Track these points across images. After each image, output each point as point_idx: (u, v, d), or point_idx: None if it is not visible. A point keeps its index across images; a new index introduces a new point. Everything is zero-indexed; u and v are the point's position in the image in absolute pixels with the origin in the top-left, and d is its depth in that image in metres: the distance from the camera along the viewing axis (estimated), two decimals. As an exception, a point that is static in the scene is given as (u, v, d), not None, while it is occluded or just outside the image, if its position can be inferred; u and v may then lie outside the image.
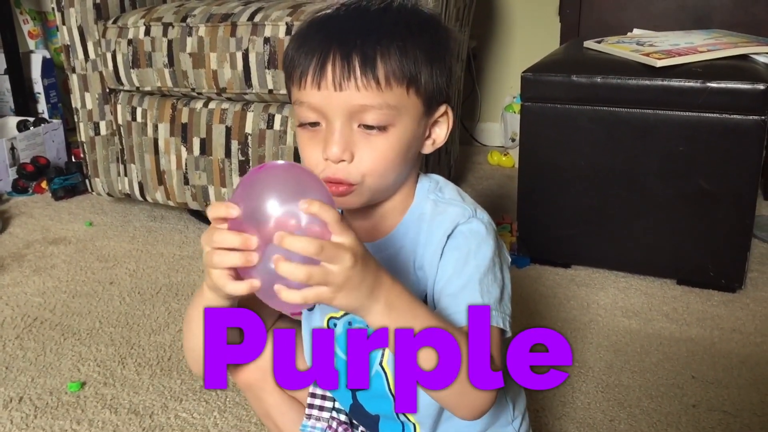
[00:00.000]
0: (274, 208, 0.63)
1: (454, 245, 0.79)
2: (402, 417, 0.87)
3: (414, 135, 0.78)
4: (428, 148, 0.82)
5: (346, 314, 0.85)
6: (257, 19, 1.68)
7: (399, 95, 0.74)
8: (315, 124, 0.76)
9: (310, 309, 0.89)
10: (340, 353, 0.86)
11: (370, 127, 0.74)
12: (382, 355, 0.84)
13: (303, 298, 0.63)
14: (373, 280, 0.66)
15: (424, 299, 0.80)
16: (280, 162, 0.67)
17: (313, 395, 0.95)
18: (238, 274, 0.66)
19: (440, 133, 0.82)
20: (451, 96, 0.83)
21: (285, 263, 0.61)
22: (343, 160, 0.74)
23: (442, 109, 0.81)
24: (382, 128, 0.75)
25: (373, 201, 0.80)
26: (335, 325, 0.86)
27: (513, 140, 2.48)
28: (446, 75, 0.79)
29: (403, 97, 0.75)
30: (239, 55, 1.69)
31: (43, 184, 2.31)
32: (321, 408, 0.95)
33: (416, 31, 0.76)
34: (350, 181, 0.75)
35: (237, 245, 0.63)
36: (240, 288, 0.65)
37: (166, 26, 1.76)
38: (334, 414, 0.94)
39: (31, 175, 2.32)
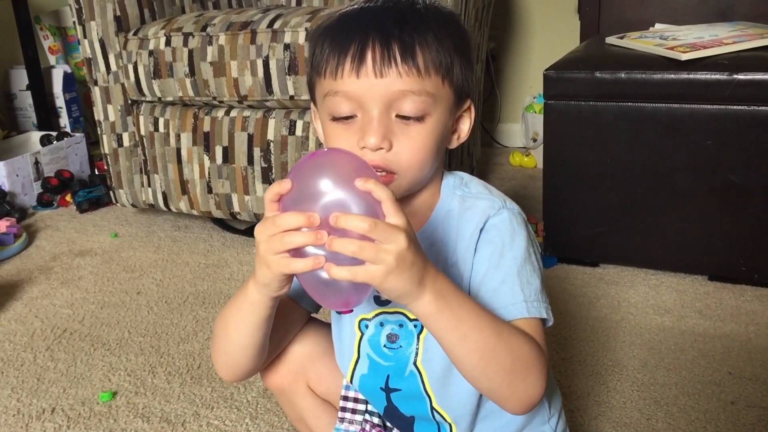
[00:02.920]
0: (327, 190, 0.64)
1: (487, 239, 0.78)
2: (438, 417, 0.86)
3: (446, 127, 0.78)
4: (454, 143, 0.82)
5: (377, 315, 0.85)
6: (277, 26, 1.68)
7: (436, 84, 0.75)
8: (348, 118, 0.75)
9: (350, 311, 0.87)
10: (373, 355, 0.86)
11: (407, 118, 0.74)
12: (416, 354, 0.83)
13: (352, 273, 0.62)
14: (422, 266, 0.66)
15: None
16: (333, 148, 0.67)
17: (346, 398, 0.94)
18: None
19: (464, 128, 0.83)
20: (473, 90, 0.83)
21: (338, 239, 0.61)
22: (381, 148, 0.74)
23: (467, 103, 0.81)
24: (420, 118, 0.75)
25: (406, 194, 0.79)
26: (366, 326, 0.86)
27: (534, 140, 2.46)
28: (471, 70, 0.80)
29: (439, 87, 0.75)
30: (260, 63, 1.69)
31: (68, 198, 2.32)
32: (354, 411, 0.94)
33: (446, 23, 0.77)
34: (391, 168, 0.75)
35: (302, 223, 0.63)
36: (305, 264, 0.64)
37: (187, 36, 1.77)
38: (368, 417, 0.93)
39: (56, 188, 2.34)
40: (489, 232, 0.78)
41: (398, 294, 0.66)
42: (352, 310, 0.86)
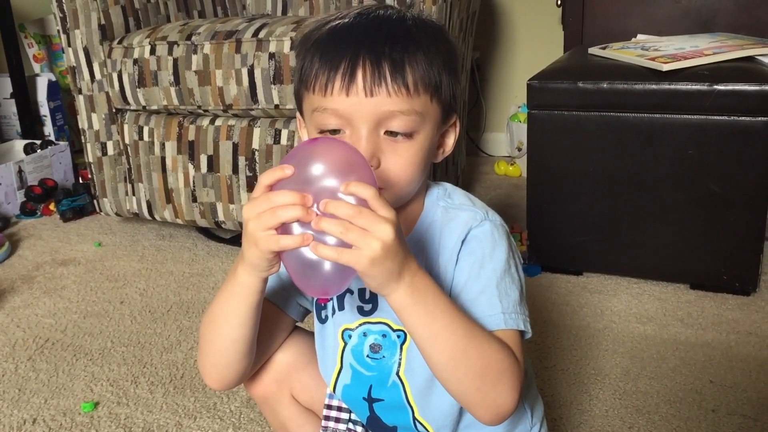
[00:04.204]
0: (320, 177, 0.65)
1: (468, 250, 0.79)
2: (420, 427, 0.86)
3: (433, 142, 0.79)
4: (439, 157, 0.83)
5: (360, 325, 0.85)
6: (262, 35, 1.68)
7: (424, 102, 0.75)
8: (336, 131, 0.76)
9: (329, 299, 0.87)
10: (356, 365, 0.86)
11: (395, 134, 0.75)
12: (399, 365, 0.83)
13: (338, 253, 0.64)
14: (404, 259, 0.67)
15: None
16: (329, 137, 0.69)
17: (329, 407, 0.94)
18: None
19: (449, 142, 0.83)
20: (459, 105, 0.83)
21: (327, 218, 0.63)
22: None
23: (453, 118, 0.82)
24: (408, 135, 0.75)
25: (394, 205, 0.79)
26: (350, 336, 0.86)
27: (519, 149, 2.47)
28: (457, 84, 0.81)
29: (427, 104, 0.75)
30: (245, 72, 1.69)
31: (51, 206, 2.31)
32: (337, 420, 0.94)
33: (435, 39, 0.77)
34: (378, 184, 0.75)
35: (296, 201, 0.65)
36: (293, 240, 0.65)
37: (171, 45, 1.77)
38: (351, 426, 0.93)
39: (39, 197, 2.32)
40: (470, 243, 0.79)
41: (378, 282, 0.67)
42: (330, 299, 0.86)
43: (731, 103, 1.45)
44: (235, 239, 2.01)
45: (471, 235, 0.79)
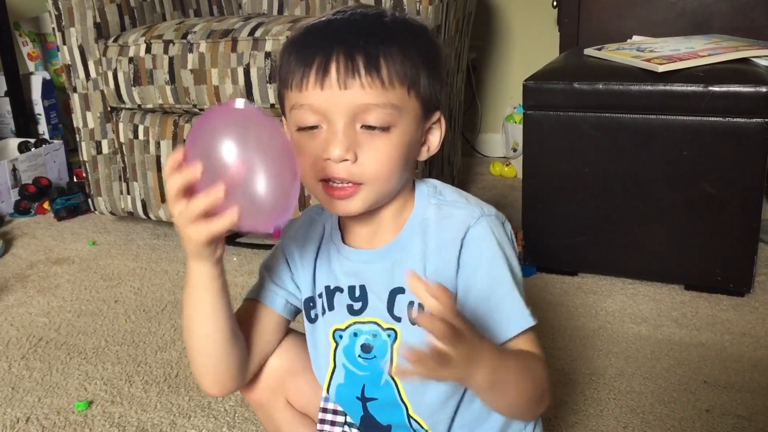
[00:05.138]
0: (225, 151, 0.67)
1: (470, 253, 0.78)
2: (415, 425, 0.86)
3: (413, 138, 0.78)
4: (423, 155, 0.83)
5: (351, 325, 0.85)
6: (258, 34, 1.68)
7: (401, 95, 0.75)
8: (314, 128, 0.76)
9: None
10: (348, 364, 0.86)
11: (372, 128, 0.75)
12: (391, 364, 0.83)
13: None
14: (478, 348, 0.67)
15: None
16: (225, 104, 0.70)
17: (325, 410, 0.94)
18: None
19: (434, 140, 0.83)
20: (442, 103, 0.83)
21: (426, 317, 0.62)
22: (346, 160, 0.74)
23: (436, 115, 0.82)
24: (385, 128, 0.75)
25: (374, 206, 0.80)
26: (341, 337, 0.86)
27: (515, 150, 2.48)
28: (440, 82, 0.80)
29: (404, 98, 0.76)
30: (240, 71, 1.69)
31: (46, 205, 2.30)
32: (333, 423, 0.93)
33: (414, 37, 0.78)
34: (355, 179, 0.75)
35: (211, 202, 0.66)
36: (221, 223, 0.67)
37: (167, 43, 1.77)
38: (346, 428, 0.93)
39: (33, 196, 2.32)
40: (470, 246, 0.79)
41: (457, 379, 0.68)
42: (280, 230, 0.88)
43: (726, 105, 1.45)
44: (229, 239, 2.00)
45: (470, 237, 0.79)
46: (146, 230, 2.12)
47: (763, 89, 1.42)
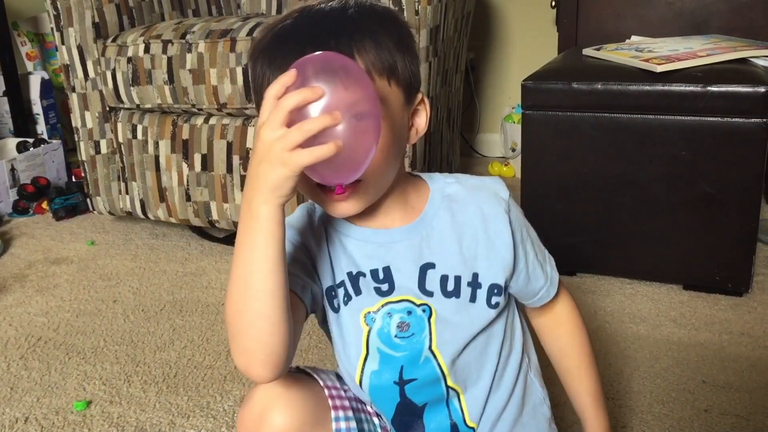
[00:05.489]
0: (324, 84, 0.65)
1: (517, 222, 0.86)
2: (452, 393, 0.85)
3: (400, 124, 0.79)
4: (413, 138, 0.83)
5: (383, 306, 0.82)
6: (256, 33, 1.68)
7: (382, 86, 0.75)
8: None
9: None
10: (384, 348, 0.83)
11: None
12: (430, 340, 0.82)
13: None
14: None
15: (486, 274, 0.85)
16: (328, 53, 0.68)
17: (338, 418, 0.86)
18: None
19: (420, 121, 0.83)
20: (420, 83, 0.83)
21: None
22: None
23: (419, 97, 0.81)
24: None
25: (375, 198, 0.80)
26: (373, 320, 0.83)
27: (513, 150, 2.48)
28: (416, 62, 0.80)
29: (385, 88, 0.76)
30: (239, 71, 1.69)
31: (44, 205, 2.30)
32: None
33: (381, 23, 0.77)
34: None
35: (327, 124, 0.64)
36: (325, 150, 0.63)
37: (166, 43, 1.77)
38: None
39: (32, 195, 2.32)
40: (512, 212, 0.86)
41: None
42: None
43: (724, 105, 1.45)
44: (229, 238, 2.00)
45: (511, 206, 0.86)
46: (145, 230, 2.12)
47: (762, 89, 1.42)
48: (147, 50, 1.79)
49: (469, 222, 0.84)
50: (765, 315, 1.49)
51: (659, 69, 1.50)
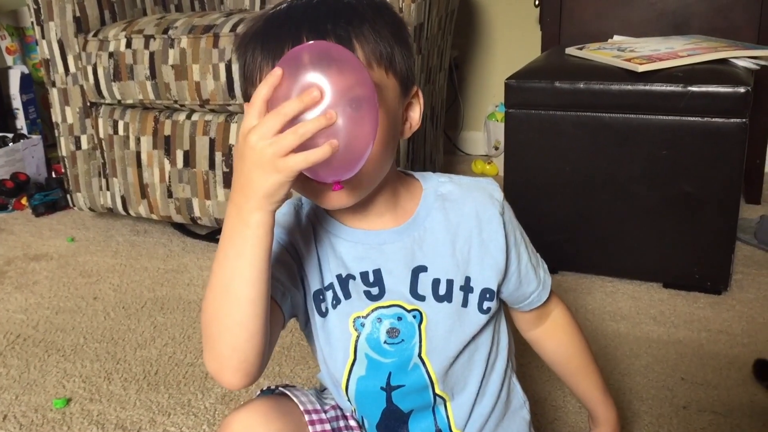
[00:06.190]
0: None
1: (510, 225, 0.85)
2: (439, 400, 0.84)
3: (396, 117, 0.76)
4: (407, 132, 0.80)
5: (372, 311, 0.80)
6: (240, 29, 1.67)
7: (380, 76, 0.72)
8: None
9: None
10: (372, 354, 0.81)
11: None
12: (420, 347, 0.80)
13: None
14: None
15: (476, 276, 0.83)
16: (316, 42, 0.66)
17: None
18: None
19: (414, 115, 0.80)
20: (415, 77, 0.81)
21: None
22: None
23: (414, 90, 0.79)
24: None
25: (368, 192, 0.76)
26: (362, 325, 0.80)
27: (496, 148, 2.49)
28: (412, 56, 0.78)
29: (383, 78, 0.73)
30: (222, 67, 1.68)
31: (23, 201, 2.28)
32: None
33: (379, 12, 0.74)
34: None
35: (322, 126, 0.61)
36: (320, 152, 0.61)
37: (148, 38, 1.75)
38: None
39: (11, 191, 2.29)
40: (506, 215, 0.84)
41: None
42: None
43: (705, 105, 1.46)
44: (211, 235, 1.99)
45: (505, 208, 0.84)
46: (126, 227, 2.10)
47: (741, 90, 1.43)
48: (129, 45, 1.77)
49: (464, 223, 0.81)
50: (743, 313, 1.50)
51: (641, 69, 1.51)
